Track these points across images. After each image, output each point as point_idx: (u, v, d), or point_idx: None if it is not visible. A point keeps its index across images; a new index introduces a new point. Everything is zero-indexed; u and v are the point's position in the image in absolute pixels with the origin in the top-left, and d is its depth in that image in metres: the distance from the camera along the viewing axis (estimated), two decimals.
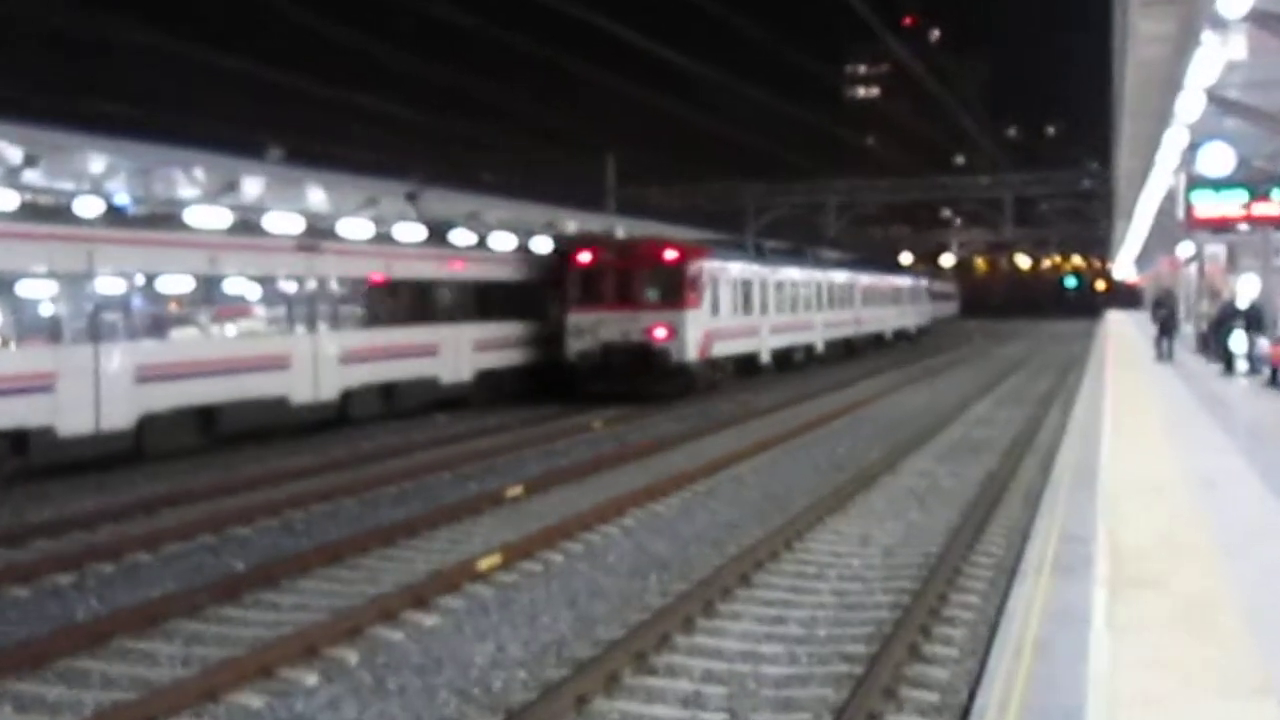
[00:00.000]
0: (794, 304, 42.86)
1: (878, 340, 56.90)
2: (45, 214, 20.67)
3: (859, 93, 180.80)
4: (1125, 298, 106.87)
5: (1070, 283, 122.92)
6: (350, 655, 9.83)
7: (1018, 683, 6.86)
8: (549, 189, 52.54)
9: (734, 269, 36.66)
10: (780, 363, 40.62)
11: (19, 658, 9.65)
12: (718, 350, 34.31)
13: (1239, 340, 27.57)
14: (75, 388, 18.56)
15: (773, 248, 49.37)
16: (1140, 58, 20.72)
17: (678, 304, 31.95)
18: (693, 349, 32.23)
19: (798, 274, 44.09)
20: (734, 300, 36.00)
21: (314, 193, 35.11)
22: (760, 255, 41.86)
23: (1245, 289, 30.24)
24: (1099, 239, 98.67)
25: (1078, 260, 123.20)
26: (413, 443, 23.07)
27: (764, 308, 39.02)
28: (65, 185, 26.51)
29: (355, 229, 27.15)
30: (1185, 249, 41.37)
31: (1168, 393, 24.16)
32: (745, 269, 37.89)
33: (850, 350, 50.65)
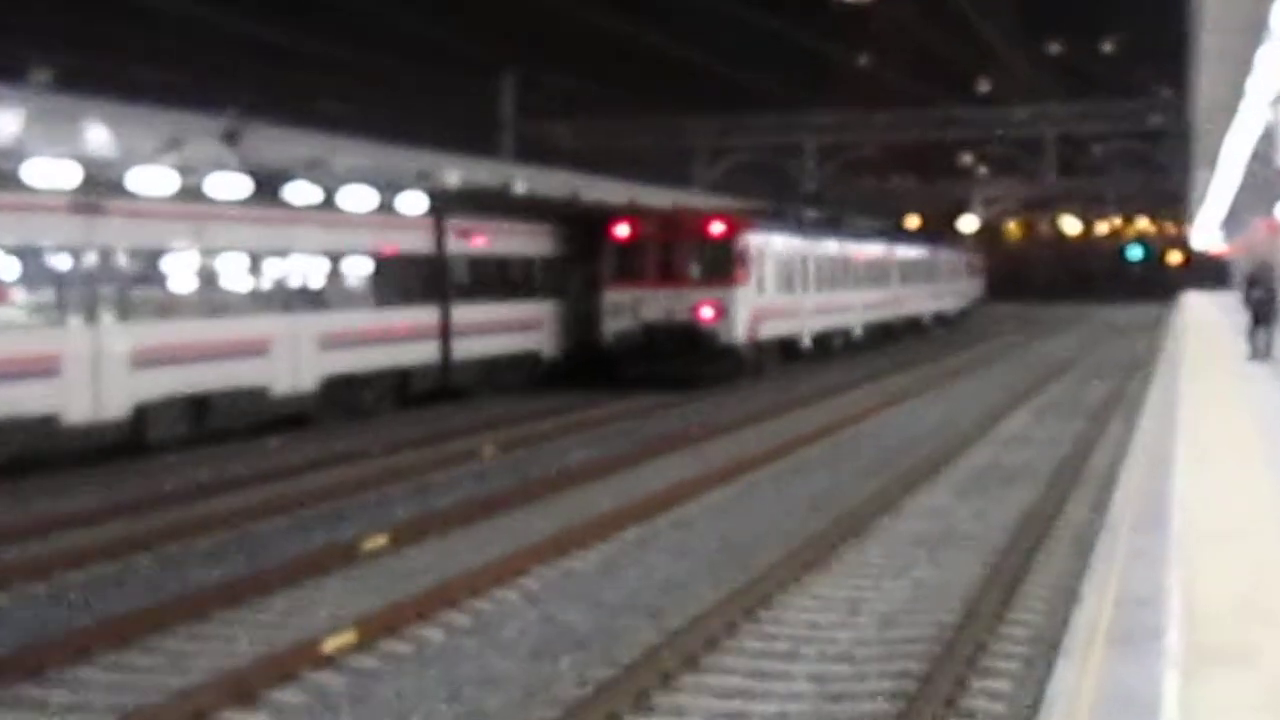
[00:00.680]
0: (833, 281, 50.39)
1: (914, 326, 64.70)
2: None
3: None
4: (1208, 274, 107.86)
5: (1134, 253, 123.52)
6: None
7: None
8: (421, 126, 52.33)
9: (778, 242, 44.12)
10: (819, 348, 47.72)
11: None
12: (765, 332, 41.49)
13: None
14: None
15: (808, 217, 57.66)
16: None
17: (727, 281, 38.97)
18: (741, 330, 39.28)
19: (835, 246, 52.08)
20: (779, 277, 43.13)
21: (94, 131, 34.73)
22: (800, 226, 49.73)
23: None
24: (1172, 195, 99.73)
25: (1144, 224, 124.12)
26: (234, 477, 22.92)
27: (805, 285, 46.46)
28: None
29: (153, 181, 26.90)
30: None
31: (1264, 403, 24.44)
32: (788, 242, 45.51)
33: (888, 336, 58.17)
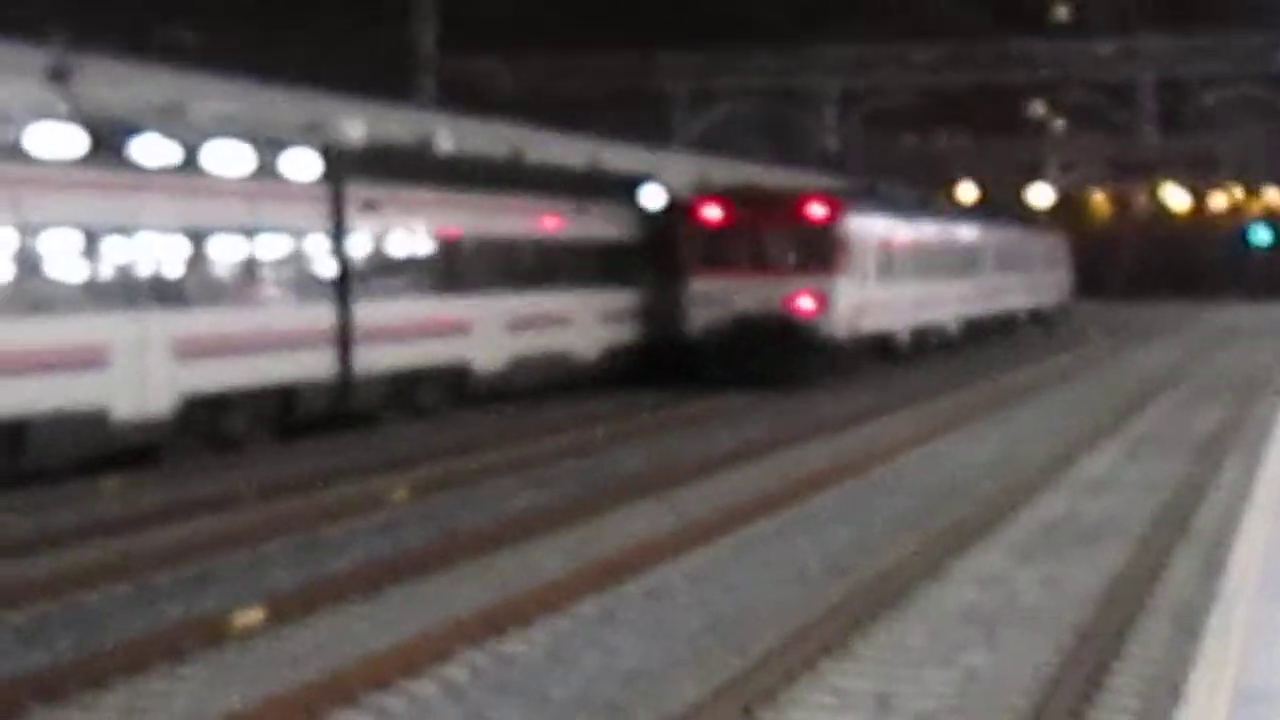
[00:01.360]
0: (929, 270, 57.43)
1: (1005, 323, 71.89)
2: None
3: None
4: None
5: (1260, 237, 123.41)
6: None
7: None
8: (309, 62, 52.36)
9: (878, 226, 51.33)
10: (916, 345, 54.82)
11: None
12: (865, 325, 48.31)
13: None
14: None
15: (903, 196, 65.25)
16: None
17: (827, 269, 45.23)
18: (842, 323, 45.68)
19: (931, 229, 60.22)
20: (878, 265, 49.94)
21: None
22: (894, 205, 56.80)
23: None
24: None
25: (1274, 197, 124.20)
26: (60, 529, 22.89)
27: (902, 274, 53.56)
28: None
29: None
30: None
31: None
32: (887, 225, 52.76)
33: (979, 334, 65.54)
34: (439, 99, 67.00)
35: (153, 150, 30.86)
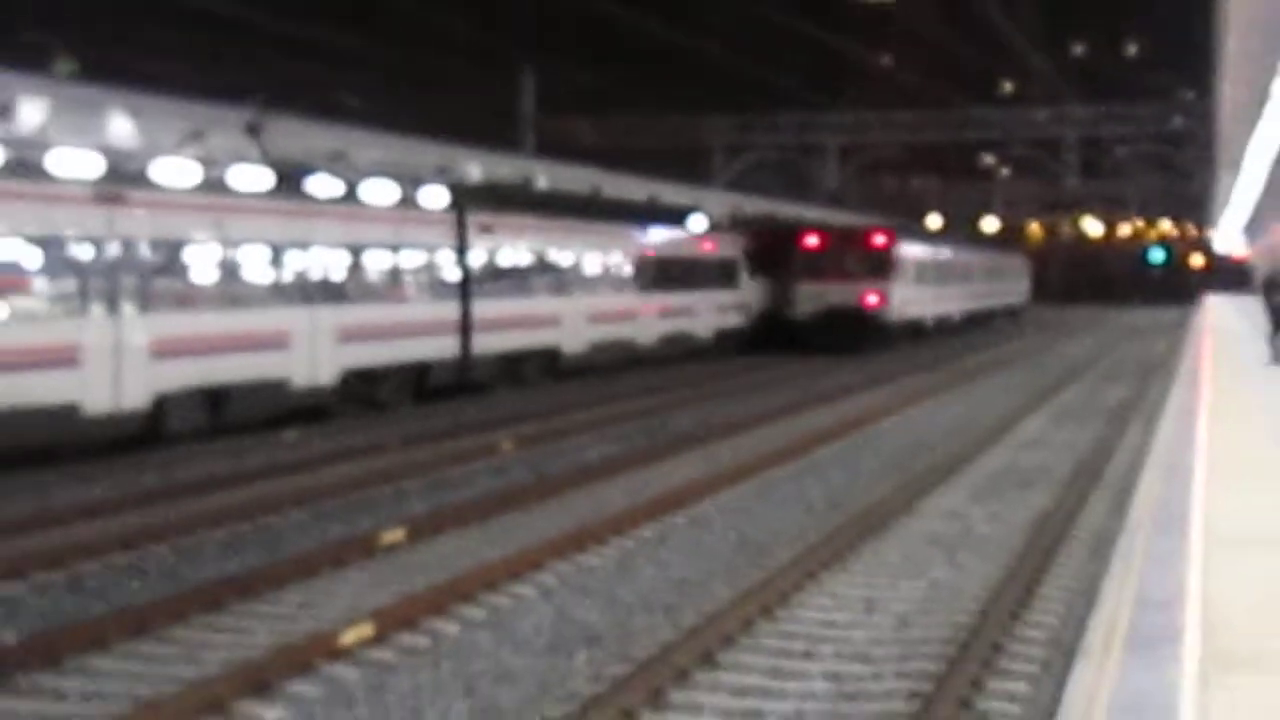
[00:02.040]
0: (943, 278, 65.34)
1: (989, 316, 78.15)
2: None
3: None
4: (1230, 278, 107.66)
5: (1156, 256, 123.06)
6: None
7: None
8: (442, 120, 52.41)
9: (915, 249, 60.21)
10: (929, 331, 61.84)
11: None
12: (907, 314, 56.86)
13: None
14: None
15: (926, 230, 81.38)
16: None
17: (885, 278, 53.87)
18: (894, 313, 54.45)
19: (944, 252, 68.06)
20: (915, 274, 58.32)
21: (118, 122, 34.84)
22: (924, 237, 69.85)
23: None
24: (1195, 198, 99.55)
25: (1166, 226, 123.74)
26: (251, 469, 22.94)
27: (928, 281, 61.38)
28: None
29: (175, 172, 26.97)
30: None
31: None
32: (919, 249, 61.58)
33: (972, 323, 72.27)
34: (537, 148, 66.82)
35: (323, 186, 30.97)
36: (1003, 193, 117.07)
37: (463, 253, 34.20)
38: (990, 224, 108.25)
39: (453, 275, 33.87)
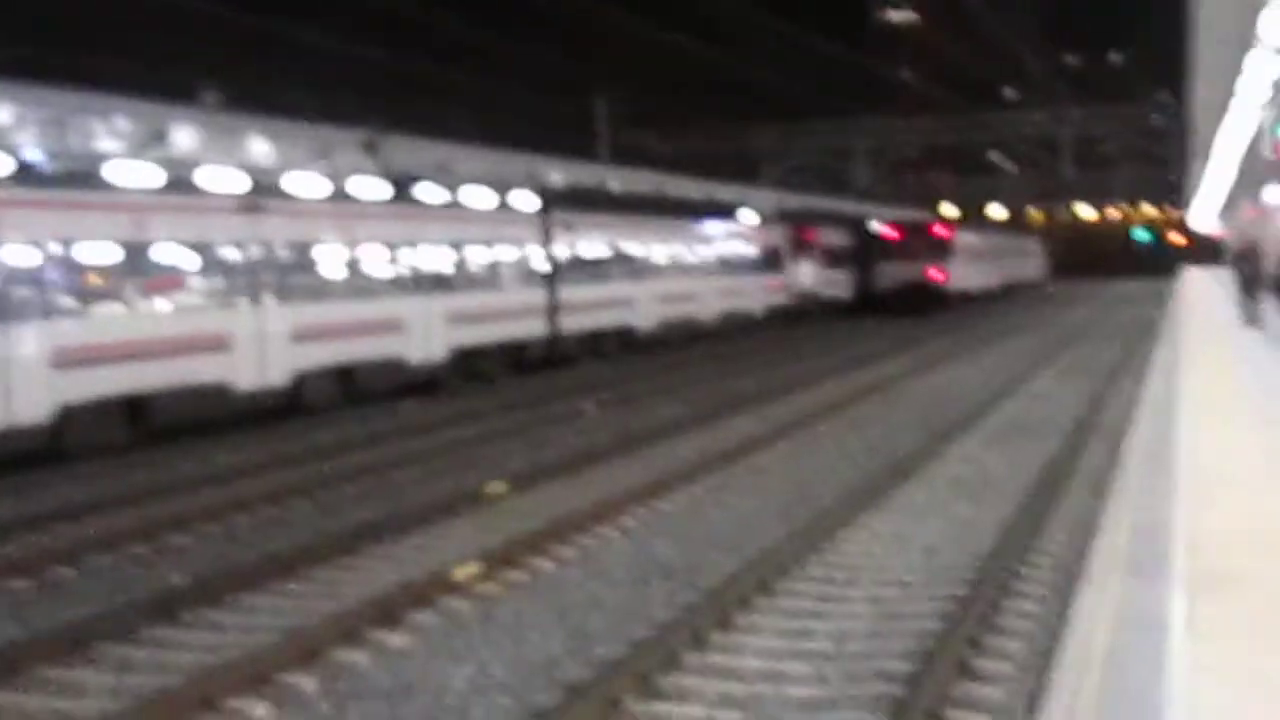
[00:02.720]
0: (987, 258, 72.29)
1: (1017, 287, 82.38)
2: None
3: (891, 17, 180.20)
4: (1205, 253, 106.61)
5: (1140, 236, 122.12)
6: (306, 682, 9.82)
7: (1085, 701, 6.84)
8: (529, 136, 52.46)
9: (967, 237, 68.40)
10: (976, 299, 67.83)
11: None
12: (962, 286, 64.25)
13: None
14: None
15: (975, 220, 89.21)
16: None
17: (946, 259, 61.90)
18: (953, 286, 62.13)
19: (987, 238, 76.04)
20: (966, 256, 65.54)
21: (257, 144, 35.05)
22: (972, 226, 76.86)
23: None
24: (1173, 185, 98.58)
25: (1149, 210, 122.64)
26: (376, 433, 23.06)
27: (976, 260, 68.40)
28: None
29: (306, 185, 27.10)
30: (1274, 194, 41.30)
31: (1254, 362, 24.13)
32: (970, 236, 69.72)
33: (1008, 293, 77.92)
34: (610, 157, 66.73)
35: (430, 193, 31.04)
36: (1007, 184, 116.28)
37: (549, 247, 34.25)
38: (997, 211, 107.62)
39: (541, 266, 33.94)
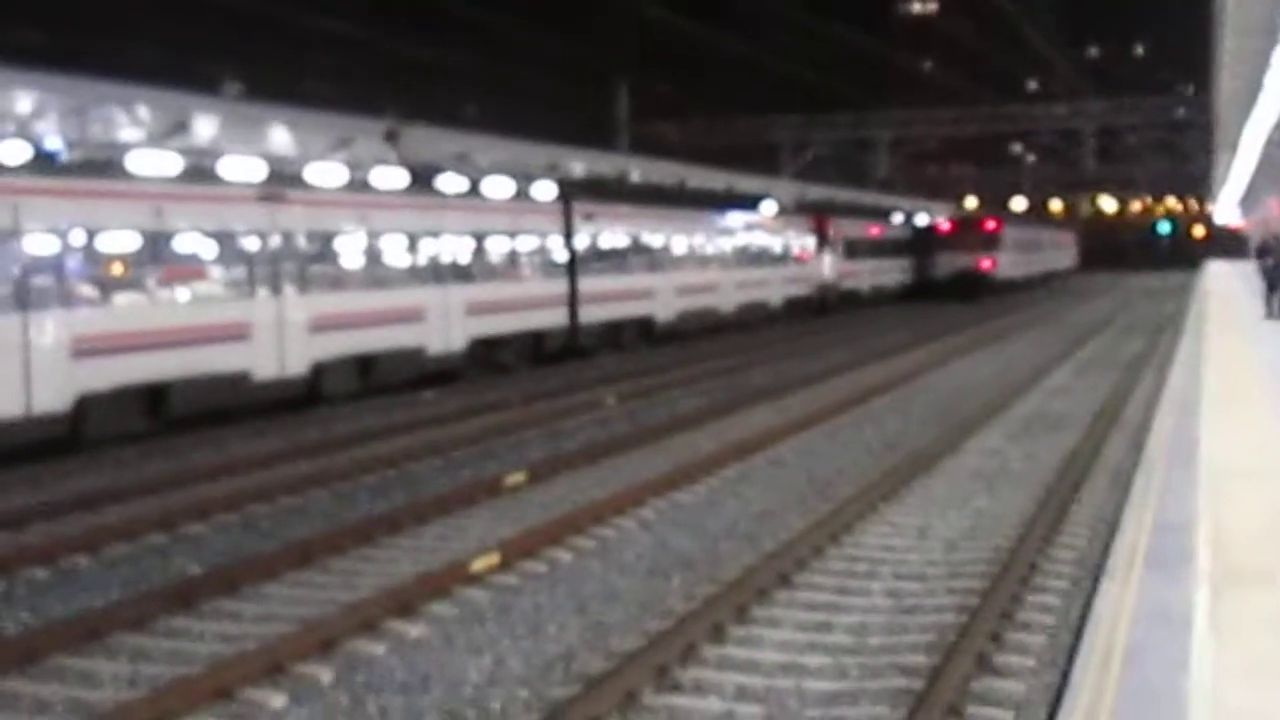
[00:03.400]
0: (1028, 249, 78.18)
1: (1053, 276, 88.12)
2: None
3: (913, 8, 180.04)
4: (1228, 245, 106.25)
5: (1163, 229, 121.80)
6: (323, 672, 9.81)
7: (1106, 697, 6.79)
8: (549, 126, 52.44)
9: (1013, 229, 74.02)
10: (1020, 286, 73.89)
11: None
12: (1008, 275, 70.20)
13: None
14: (2, 366, 18.51)
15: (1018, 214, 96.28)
16: None
17: (995, 250, 67.88)
18: (1001, 274, 68.31)
19: (1028, 230, 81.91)
20: (1013, 247, 71.44)
21: (277, 134, 35.02)
22: (1017, 220, 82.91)
23: None
24: (1196, 177, 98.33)
25: (1172, 202, 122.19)
26: (395, 424, 23.03)
27: (1019, 251, 74.33)
28: None
29: (326, 175, 27.08)
30: None
31: (1278, 357, 24.02)
32: (1015, 229, 75.27)
33: (1045, 281, 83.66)
34: (630, 148, 66.67)
35: (450, 183, 31.00)
36: (1029, 177, 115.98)
37: (569, 237, 34.21)
38: (1019, 204, 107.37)
39: (561, 257, 33.90)
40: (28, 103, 28.20)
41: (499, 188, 32.85)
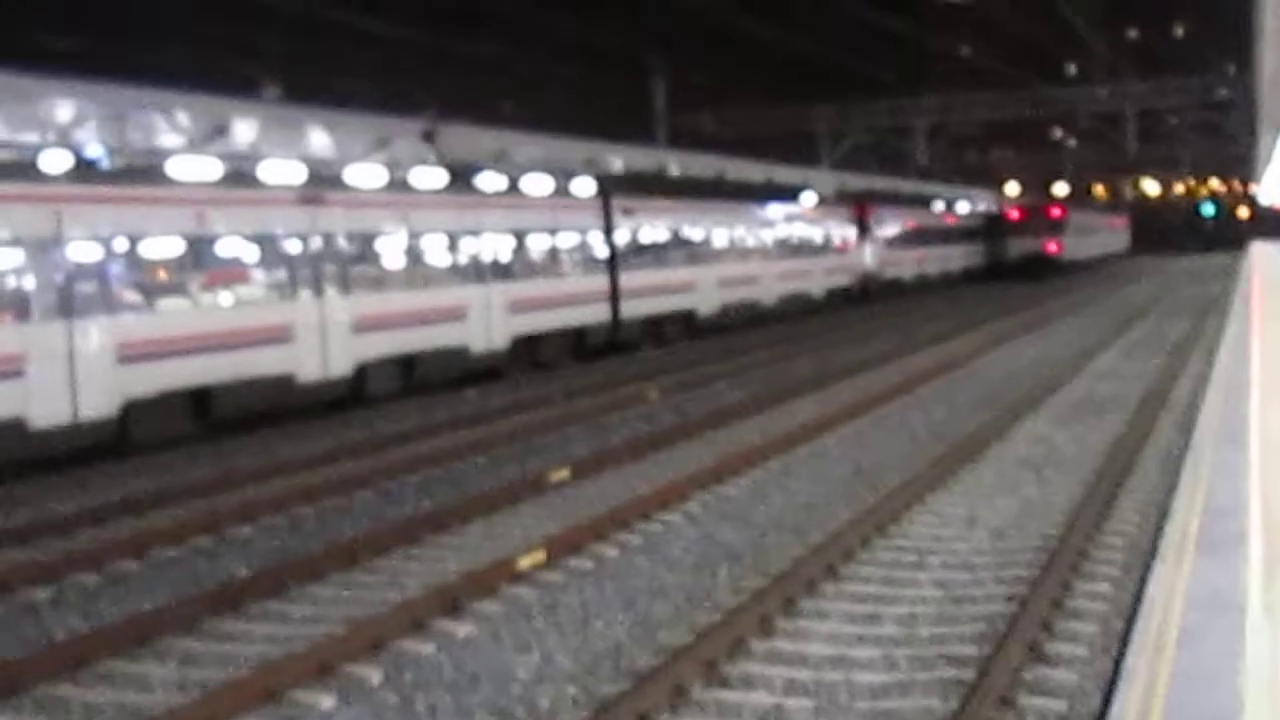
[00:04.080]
0: (1088, 233, 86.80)
1: (1109, 258, 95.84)
2: (5, 170, 20.71)
3: None
4: (1273, 226, 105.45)
5: (1206, 210, 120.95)
6: (372, 673, 9.83)
7: (1160, 683, 6.73)
8: (586, 119, 52.39)
9: (1076, 215, 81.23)
10: (1082, 267, 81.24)
11: None
12: (1072, 256, 78.13)
13: None
14: (48, 372, 18.64)
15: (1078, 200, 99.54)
16: None
17: (1060, 235, 75.81)
18: (1065, 255, 75.86)
19: (1089, 215, 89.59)
20: (1075, 231, 79.62)
21: (316, 135, 35.12)
22: (1079, 206, 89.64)
23: None
24: (1240, 157, 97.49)
25: (1215, 184, 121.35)
26: (438, 423, 23.07)
27: (1082, 234, 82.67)
28: (26, 136, 26.60)
29: (365, 175, 27.14)
30: None
31: None
32: (1077, 214, 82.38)
33: (1104, 260, 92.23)
34: (669, 140, 66.54)
35: (490, 181, 31.02)
36: (1071, 160, 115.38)
37: (609, 233, 34.19)
38: (1060, 188, 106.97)
39: (602, 252, 33.88)
40: (68, 110, 28.35)
41: (538, 184, 32.85)
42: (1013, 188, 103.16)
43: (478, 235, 28.68)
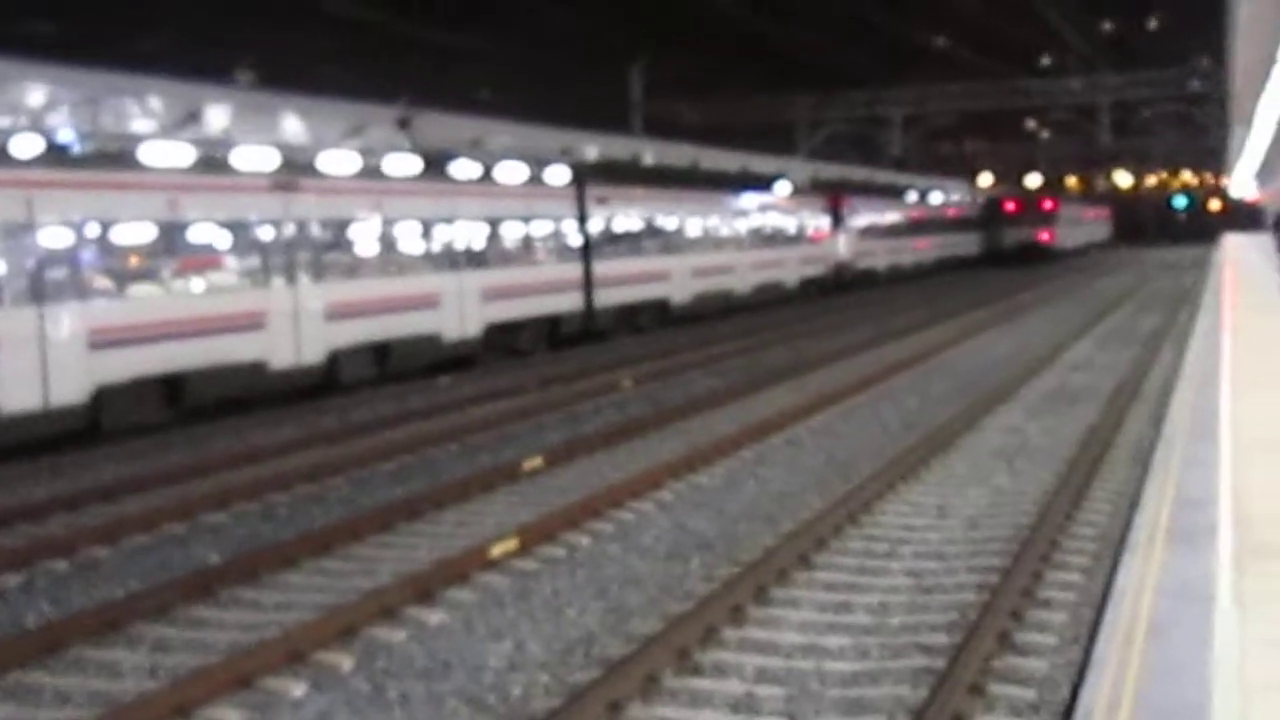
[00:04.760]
0: (1077, 224, 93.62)
1: (1093, 247, 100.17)
2: None
3: None
4: (1245, 219, 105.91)
5: (1179, 202, 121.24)
6: (343, 660, 9.82)
7: (1129, 673, 6.76)
8: (562, 108, 52.31)
9: (1068, 207, 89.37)
10: (1070, 254, 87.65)
11: None
12: (1064, 244, 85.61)
13: None
14: (19, 358, 18.56)
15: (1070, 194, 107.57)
16: None
17: (1053, 225, 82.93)
18: (1059, 243, 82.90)
19: (1079, 207, 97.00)
20: (1067, 222, 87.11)
21: (289, 122, 35.01)
22: (1068, 199, 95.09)
23: None
24: (1212, 151, 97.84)
25: (1188, 176, 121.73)
26: (412, 410, 23.05)
27: (1072, 225, 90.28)
28: None
29: (339, 162, 27.06)
30: None
31: None
32: (1069, 206, 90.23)
33: (1090, 248, 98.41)
34: (645, 129, 66.54)
35: (463, 169, 30.97)
36: (1045, 152, 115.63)
37: (584, 221, 34.19)
38: (1033, 180, 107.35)
39: (576, 241, 33.88)
40: (39, 95, 28.21)
41: (512, 172, 32.81)
42: (986, 179, 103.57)
43: (451, 223, 28.63)
